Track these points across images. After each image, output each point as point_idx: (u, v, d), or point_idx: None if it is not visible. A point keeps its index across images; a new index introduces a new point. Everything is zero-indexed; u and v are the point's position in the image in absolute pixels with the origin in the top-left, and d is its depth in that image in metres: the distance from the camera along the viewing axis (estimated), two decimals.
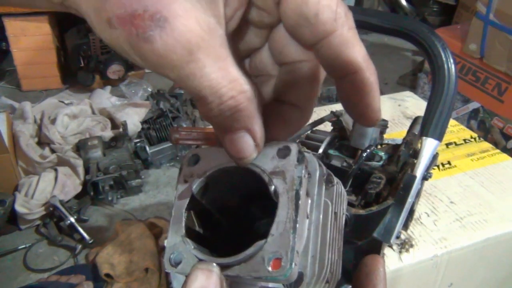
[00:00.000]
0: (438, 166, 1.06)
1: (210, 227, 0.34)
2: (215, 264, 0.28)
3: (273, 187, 0.30)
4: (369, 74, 0.29)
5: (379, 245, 0.71)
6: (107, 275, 1.61)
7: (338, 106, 1.12)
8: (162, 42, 0.24)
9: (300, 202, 0.29)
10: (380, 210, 0.67)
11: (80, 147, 2.15)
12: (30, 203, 1.89)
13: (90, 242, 1.83)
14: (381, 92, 0.33)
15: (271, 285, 0.32)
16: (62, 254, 1.84)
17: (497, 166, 1.07)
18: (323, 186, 0.35)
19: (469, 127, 1.69)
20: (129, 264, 1.64)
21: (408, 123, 1.17)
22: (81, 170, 2.06)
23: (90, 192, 2.03)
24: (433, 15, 3.85)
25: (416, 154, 0.71)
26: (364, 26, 0.68)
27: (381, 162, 0.80)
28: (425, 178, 0.71)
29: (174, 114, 2.37)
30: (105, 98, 2.70)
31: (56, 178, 2.00)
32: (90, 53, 2.84)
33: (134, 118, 2.39)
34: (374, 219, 0.67)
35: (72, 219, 1.85)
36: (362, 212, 0.66)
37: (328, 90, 2.63)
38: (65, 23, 3.01)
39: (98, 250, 1.73)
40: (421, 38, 0.63)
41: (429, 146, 0.65)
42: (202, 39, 0.25)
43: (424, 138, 0.65)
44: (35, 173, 2.06)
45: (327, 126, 0.97)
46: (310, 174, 0.33)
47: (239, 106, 0.27)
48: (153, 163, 2.29)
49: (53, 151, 2.17)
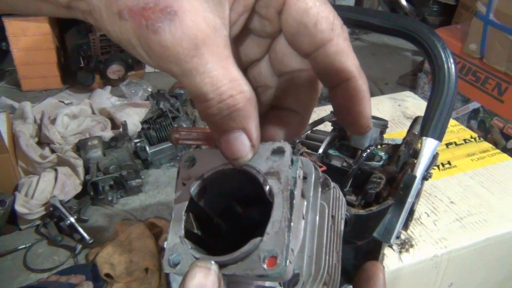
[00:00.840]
0: (438, 166, 1.06)
1: (208, 230, 0.34)
2: (213, 262, 0.28)
3: (267, 187, 0.30)
4: (361, 83, 0.31)
5: (379, 245, 0.71)
6: (107, 275, 1.61)
7: None
8: (170, 34, 0.25)
9: (294, 202, 0.30)
10: (380, 210, 0.67)
11: (80, 147, 2.15)
12: (30, 203, 1.89)
13: (90, 242, 1.83)
14: (381, 92, 0.33)
15: (268, 284, 0.32)
16: (62, 254, 1.84)
17: (497, 166, 1.07)
18: (319, 189, 0.35)
19: (469, 127, 1.69)
20: (129, 264, 1.64)
21: (408, 123, 1.17)
22: (81, 170, 2.06)
23: (90, 192, 2.03)
24: (433, 15, 3.85)
25: (416, 154, 0.71)
26: (364, 26, 0.68)
27: (381, 162, 0.80)
28: (425, 178, 0.71)
29: (174, 114, 2.37)
30: (105, 98, 2.70)
31: (56, 178, 2.00)
32: (90, 53, 2.84)
33: (134, 118, 2.39)
34: (374, 219, 0.67)
35: (72, 219, 1.85)
36: (362, 212, 0.66)
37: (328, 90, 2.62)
38: (65, 23, 3.01)
39: (98, 250, 1.74)
40: (421, 38, 0.63)
41: (429, 146, 0.65)
42: (207, 37, 0.26)
43: (424, 138, 0.65)
44: (35, 173, 2.06)
45: (327, 126, 0.97)
46: (306, 177, 0.34)
47: (238, 105, 0.27)
48: (153, 163, 2.29)
49: (53, 151, 2.17)
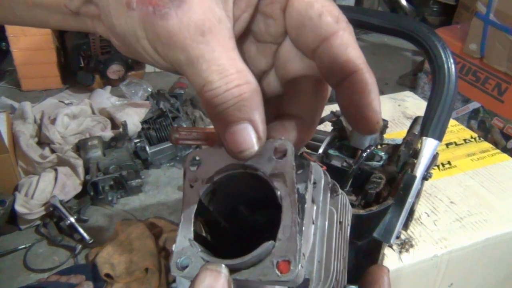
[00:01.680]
0: (438, 166, 1.06)
1: (216, 234, 0.34)
2: (223, 265, 0.28)
3: (279, 192, 0.30)
4: (369, 75, 0.30)
5: (379, 245, 0.71)
6: (107, 275, 1.61)
7: (338, 106, 1.12)
8: (178, 19, 0.26)
9: (306, 206, 0.30)
10: (380, 210, 0.67)
11: (80, 147, 2.15)
12: (30, 203, 1.89)
13: (90, 242, 1.83)
14: (381, 92, 0.33)
15: (277, 287, 0.32)
16: (62, 254, 1.84)
17: (497, 166, 1.07)
18: (328, 194, 0.35)
19: (469, 127, 1.69)
20: (129, 264, 1.64)
21: (408, 123, 1.17)
22: (81, 170, 2.06)
23: (90, 192, 2.03)
24: (433, 15, 3.85)
25: (416, 154, 0.71)
26: (364, 26, 0.68)
27: (381, 162, 0.80)
28: (425, 178, 0.71)
29: (174, 114, 2.37)
30: (105, 98, 2.70)
31: (56, 178, 2.00)
32: (90, 53, 2.84)
33: (134, 118, 2.39)
34: (374, 219, 0.67)
35: (72, 219, 1.85)
36: (362, 212, 0.66)
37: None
38: None
39: (98, 250, 1.73)
40: (421, 38, 0.63)
41: (429, 146, 0.65)
42: (214, 26, 0.26)
43: (424, 138, 0.65)
44: (35, 173, 2.06)
45: (327, 126, 0.97)
46: (316, 183, 0.34)
47: (244, 95, 0.27)
48: (153, 163, 2.29)
49: (53, 151, 2.17)
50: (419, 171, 0.67)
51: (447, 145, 1.16)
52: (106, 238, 1.87)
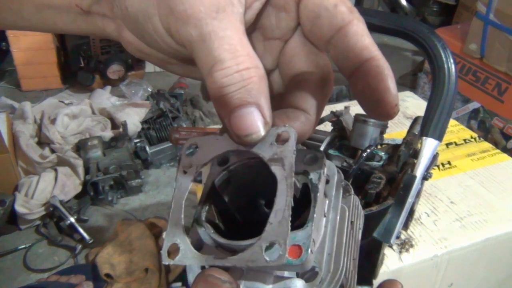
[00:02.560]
0: (438, 166, 1.06)
1: (228, 224, 0.34)
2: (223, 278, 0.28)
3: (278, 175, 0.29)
4: (384, 61, 0.30)
5: (379, 245, 0.71)
6: (107, 275, 1.61)
7: (338, 106, 1.12)
8: None
9: (318, 195, 0.30)
10: (380, 210, 0.67)
11: (80, 147, 2.15)
12: (30, 203, 1.89)
13: (90, 242, 1.83)
14: None
15: (286, 274, 0.32)
16: (62, 254, 1.84)
17: (497, 166, 1.07)
18: (341, 192, 0.35)
19: (469, 127, 1.69)
20: (129, 264, 1.64)
21: (408, 123, 1.17)
22: (81, 170, 2.06)
23: (90, 192, 2.03)
24: (433, 15, 3.85)
25: (416, 154, 0.71)
26: None
27: (381, 162, 0.80)
28: (425, 178, 0.71)
29: (174, 114, 2.37)
30: (105, 98, 2.70)
31: (56, 178, 2.00)
32: (90, 53, 2.84)
33: (134, 118, 2.39)
34: (374, 219, 0.67)
35: (72, 219, 1.85)
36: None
37: None
38: None
39: (98, 250, 1.73)
40: (421, 38, 0.62)
41: (429, 146, 0.65)
42: (227, 6, 0.26)
43: (424, 138, 0.65)
44: (35, 173, 2.06)
45: (327, 126, 0.97)
46: (329, 180, 0.34)
47: (253, 79, 0.27)
48: (153, 163, 2.29)
49: (53, 151, 2.17)
50: (419, 171, 0.67)
51: (447, 145, 1.16)
52: (106, 238, 1.87)
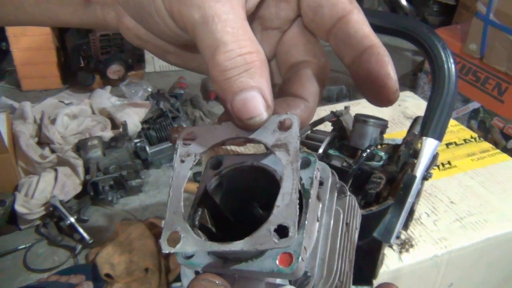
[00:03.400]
0: (438, 166, 1.06)
1: (221, 227, 0.34)
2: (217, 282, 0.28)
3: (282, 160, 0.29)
4: (383, 48, 0.31)
5: (379, 245, 0.71)
6: (107, 275, 1.61)
7: (338, 106, 1.12)
8: None
9: (310, 201, 0.30)
10: (380, 210, 0.67)
11: (80, 147, 2.15)
12: (30, 203, 1.89)
13: (90, 242, 1.83)
14: None
15: (278, 281, 0.31)
16: (62, 254, 1.84)
17: (497, 166, 1.07)
18: (335, 194, 0.35)
19: (469, 127, 1.69)
20: (129, 264, 1.64)
21: (408, 123, 1.17)
22: (81, 170, 2.06)
23: (90, 192, 2.03)
24: (433, 15, 3.85)
25: (416, 154, 0.71)
26: None
27: (381, 162, 0.80)
28: (425, 178, 0.71)
29: (174, 114, 2.37)
30: (105, 98, 2.70)
31: (56, 178, 2.00)
32: (90, 53, 2.84)
33: (134, 118, 2.39)
34: (374, 219, 0.67)
35: (72, 219, 1.85)
36: (362, 212, 0.66)
37: (328, 90, 2.63)
38: None
39: (98, 250, 1.73)
40: (421, 38, 0.62)
41: (429, 146, 0.65)
42: None
43: (424, 138, 0.65)
44: (35, 173, 2.06)
45: (327, 126, 0.97)
46: (323, 182, 0.34)
47: (255, 63, 0.27)
48: (153, 163, 2.29)
49: (53, 151, 2.17)
50: (419, 171, 0.67)
51: (447, 145, 1.15)
52: (106, 238, 1.87)
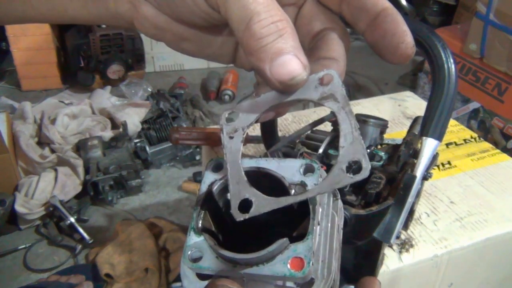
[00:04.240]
0: (438, 166, 1.06)
1: (222, 230, 0.35)
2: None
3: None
4: (396, 10, 0.32)
5: (379, 245, 0.71)
6: (107, 275, 1.61)
7: None
8: None
9: (316, 207, 0.31)
10: (380, 210, 0.67)
11: (80, 147, 2.15)
12: (30, 203, 1.89)
13: (90, 242, 1.83)
14: (381, 92, 0.33)
15: (288, 284, 0.32)
16: (62, 254, 1.84)
17: (497, 166, 1.07)
18: (331, 198, 0.36)
19: (469, 127, 1.69)
20: (129, 264, 1.64)
21: (408, 123, 1.17)
22: (81, 170, 2.06)
23: (90, 192, 2.03)
24: (433, 15, 3.85)
25: (416, 154, 0.71)
26: None
27: (381, 162, 0.80)
28: (425, 178, 0.71)
29: (174, 114, 2.37)
30: (105, 98, 2.70)
31: (56, 178, 2.00)
32: (90, 53, 2.83)
33: (134, 118, 2.39)
34: (374, 219, 0.67)
35: (72, 219, 1.85)
36: (362, 212, 0.66)
37: None
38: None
39: (98, 250, 1.74)
40: (421, 38, 0.62)
41: (429, 146, 0.65)
42: None
43: (424, 138, 0.65)
44: (35, 173, 2.06)
45: (327, 126, 0.97)
46: None
47: (287, 29, 0.28)
48: (153, 163, 2.29)
49: (53, 151, 2.17)
50: (419, 171, 0.67)
51: (447, 145, 1.15)
52: (106, 238, 1.87)
